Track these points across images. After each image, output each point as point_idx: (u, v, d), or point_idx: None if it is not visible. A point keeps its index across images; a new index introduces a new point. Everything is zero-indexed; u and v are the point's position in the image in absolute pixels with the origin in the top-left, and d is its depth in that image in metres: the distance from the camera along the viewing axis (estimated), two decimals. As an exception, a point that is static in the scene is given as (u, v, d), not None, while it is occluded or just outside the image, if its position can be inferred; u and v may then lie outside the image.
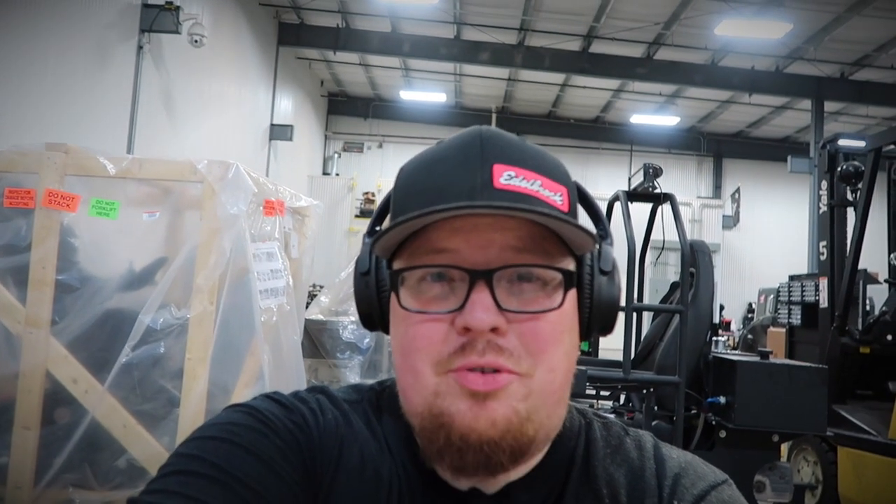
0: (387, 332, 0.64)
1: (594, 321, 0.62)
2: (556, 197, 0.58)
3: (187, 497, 0.52)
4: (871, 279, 5.44)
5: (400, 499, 0.61)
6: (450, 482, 0.60)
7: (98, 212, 2.42)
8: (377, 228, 0.67)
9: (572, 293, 0.59)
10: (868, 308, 5.08)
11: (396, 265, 0.60)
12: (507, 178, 0.57)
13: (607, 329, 0.64)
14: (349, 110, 16.59)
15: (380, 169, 15.89)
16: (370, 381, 0.72)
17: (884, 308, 4.36)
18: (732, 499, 0.61)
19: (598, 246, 0.63)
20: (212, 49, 8.69)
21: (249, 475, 0.55)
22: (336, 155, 16.36)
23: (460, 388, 0.55)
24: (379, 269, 0.63)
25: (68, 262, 2.48)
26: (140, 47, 7.41)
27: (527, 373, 0.56)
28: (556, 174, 0.60)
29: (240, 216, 2.42)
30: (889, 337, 4.16)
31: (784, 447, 3.89)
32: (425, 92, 15.04)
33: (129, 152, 7.23)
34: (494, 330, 0.54)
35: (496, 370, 0.55)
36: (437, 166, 0.59)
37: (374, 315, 0.64)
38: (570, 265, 0.60)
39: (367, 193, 15.27)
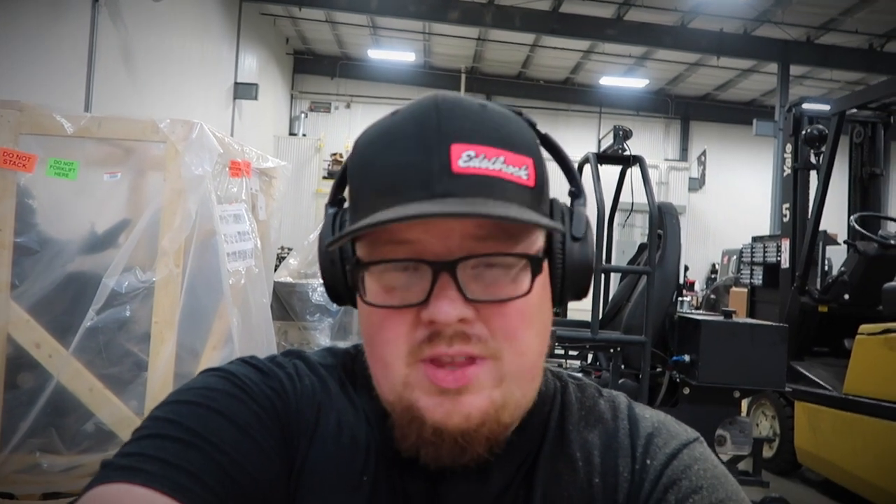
0: (354, 305, 0.62)
1: (567, 289, 0.61)
2: (520, 172, 0.56)
3: (163, 461, 0.51)
4: (831, 240, 5.59)
5: (377, 464, 0.60)
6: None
7: (56, 172, 2.34)
8: (339, 197, 0.65)
9: (541, 271, 0.58)
10: (827, 268, 5.24)
11: (359, 250, 0.58)
12: (467, 158, 0.54)
13: (581, 294, 0.63)
14: (316, 69, 16.22)
15: (348, 129, 15.65)
16: (343, 345, 0.71)
17: (842, 268, 4.49)
18: (703, 456, 0.62)
19: (570, 206, 0.62)
20: (172, 3, 8.38)
21: (225, 440, 0.54)
22: (303, 115, 16.04)
23: (430, 384, 0.54)
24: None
25: (27, 224, 2.41)
26: (96, 0, 7.10)
27: (496, 356, 0.55)
28: (520, 144, 0.57)
29: (205, 177, 2.37)
30: (846, 296, 4.30)
31: (744, 402, 4.02)
32: (394, 51, 14.75)
33: (87, 110, 6.98)
34: (462, 320, 0.53)
35: (466, 359, 0.54)
36: (393, 144, 0.56)
37: (341, 289, 0.63)
38: (539, 240, 0.58)
39: (334, 154, 15.07)
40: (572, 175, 0.65)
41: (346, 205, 0.64)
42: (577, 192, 0.64)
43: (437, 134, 0.54)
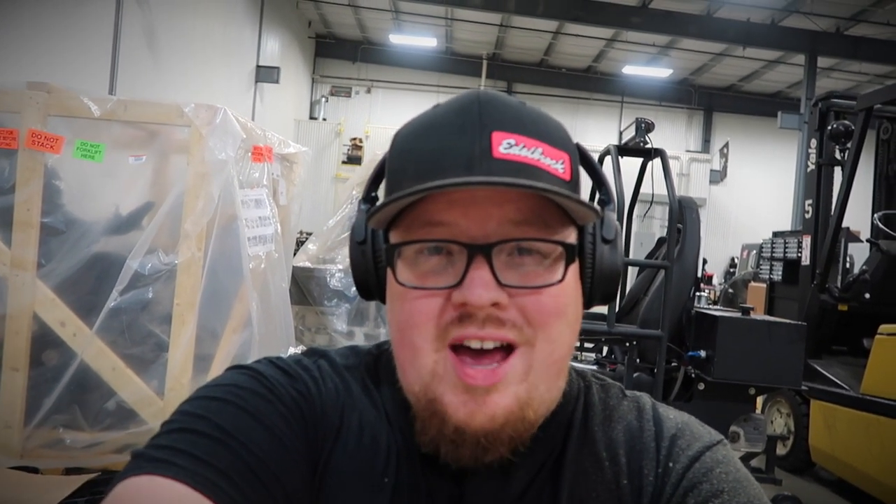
0: (383, 301, 0.63)
1: (596, 291, 0.61)
2: (557, 165, 0.56)
3: (193, 456, 0.52)
4: (853, 237, 5.50)
5: (398, 465, 0.61)
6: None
7: (83, 154, 2.38)
8: (373, 195, 0.66)
9: (574, 264, 0.58)
10: (848, 266, 5.16)
11: (393, 237, 0.59)
12: (507, 146, 0.54)
13: (609, 297, 0.63)
14: (337, 53, 16.21)
15: (368, 114, 15.65)
16: (367, 344, 0.71)
17: (864, 267, 4.43)
18: (726, 458, 0.61)
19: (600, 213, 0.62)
20: (196, -15, 8.42)
21: (253, 440, 0.55)
22: (323, 99, 16.06)
23: (457, 379, 0.54)
24: (375, 239, 0.62)
25: (53, 205, 2.45)
26: (121, -19, 7.14)
27: (528, 342, 0.55)
28: (558, 140, 0.58)
29: (228, 162, 2.39)
30: (867, 295, 4.24)
31: (759, 399, 4.00)
32: (416, 36, 14.69)
33: (112, 92, 7.05)
34: (495, 305, 0.53)
35: (500, 347, 0.54)
36: (434, 132, 0.57)
37: (371, 284, 0.63)
38: (572, 235, 0.59)
39: (354, 139, 15.08)
40: (601, 182, 0.65)
41: (378, 203, 0.64)
42: (606, 200, 0.64)
43: (478, 122, 0.56)
